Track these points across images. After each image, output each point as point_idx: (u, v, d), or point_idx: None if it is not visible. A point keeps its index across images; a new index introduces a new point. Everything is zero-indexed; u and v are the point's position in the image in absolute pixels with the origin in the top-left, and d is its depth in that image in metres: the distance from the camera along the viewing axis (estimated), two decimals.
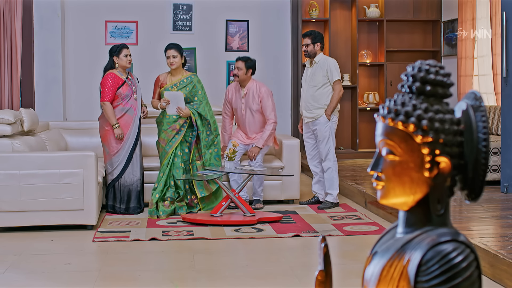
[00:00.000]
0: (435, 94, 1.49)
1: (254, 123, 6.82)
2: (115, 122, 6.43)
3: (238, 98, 6.84)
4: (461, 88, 8.83)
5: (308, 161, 6.96)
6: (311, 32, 6.79)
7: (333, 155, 6.73)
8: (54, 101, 8.93)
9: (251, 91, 6.78)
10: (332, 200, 6.74)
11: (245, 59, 6.79)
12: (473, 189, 1.50)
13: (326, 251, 1.63)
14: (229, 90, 6.96)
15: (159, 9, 9.32)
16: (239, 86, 6.86)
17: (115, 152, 6.48)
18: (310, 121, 6.74)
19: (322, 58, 6.74)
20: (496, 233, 5.14)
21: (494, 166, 7.09)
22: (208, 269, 4.71)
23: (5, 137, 6.01)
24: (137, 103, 6.59)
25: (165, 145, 6.53)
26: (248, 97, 6.78)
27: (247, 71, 6.75)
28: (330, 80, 6.65)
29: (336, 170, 6.76)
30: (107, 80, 6.46)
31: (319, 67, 6.70)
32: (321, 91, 6.66)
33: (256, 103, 6.76)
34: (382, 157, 1.51)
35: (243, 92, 6.80)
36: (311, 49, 6.73)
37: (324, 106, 6.65)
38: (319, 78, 6.67)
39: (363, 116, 10.07)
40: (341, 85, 6.70)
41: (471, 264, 1.38)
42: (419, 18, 10.02)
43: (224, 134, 6.99)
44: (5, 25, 8.54)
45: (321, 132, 6.69)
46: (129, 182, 6.51)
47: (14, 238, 5.58)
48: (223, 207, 6.14)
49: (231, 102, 6.90)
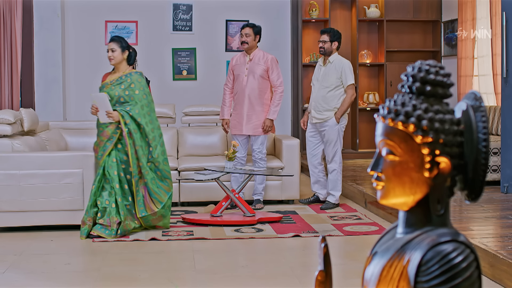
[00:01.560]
0: (435, 94, 1.49)
1: (253, 89, 6.66)
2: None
3: (242, 64, 6.75)
4: (461, 88, 8.83)
5: (308, 160, 6.91)
6: (330, 30, 6.70)
7: (340, 157, 6.68)
8: (54, 101, 8.93)
9: (257, 57, 6.71)
10: (333, 201, 6.72)
11: (252, 25, 6.74)
12: (473, 189, 1.50)
13: (326, 251, 1.63)
14: (234, 58, 6.88)
15: (159, 9, 9.32)
16: (243, 55, 6.80)
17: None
18: (319, 122, 6.68)
19: (337, 58, 6.65)
20: (496, 233, 5.14)
21: (494, 167, 7.09)
22: (208, 269, 4.71)
23: (5, 137, 6.01)
24: None
25: (96, 154, 5.69)
26: (254, 62, 6.69)
27: (255, 37, 6.69)
28: (343, 83, 6.58)
29: (340, 172, 6.73)
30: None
31: (333, 68, 6.61)
32: (332, 93, 6.59)
33: (262, 68, 6.67)
34: (382, 157, 1.51)
35: (249, 58, 6.72)
36: (327, 46, 6.62)
37: (334, 109, 6.59)
38: (332, 79, 6.59)
39: (363, 116, 10.07)
40: (354, 89, 6.63)
41: (471, 264, 1.38)
42: (419, 18, 10.02)
43: (224, 107, 6.87)
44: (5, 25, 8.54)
45: (329, 134, 6.63)
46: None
47: (14, 238, 5.58)
48: (223, 207, 6.14)
49: (234, 69, 6.80)
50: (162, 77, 9.32)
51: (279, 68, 6.79)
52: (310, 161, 6.87)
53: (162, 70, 9.36)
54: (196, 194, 6.94)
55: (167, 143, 7.49)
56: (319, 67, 6.77)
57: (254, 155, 6.77)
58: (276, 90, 6.70)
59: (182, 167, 6.98)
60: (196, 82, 9.45)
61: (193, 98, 9.08)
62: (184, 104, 8.27)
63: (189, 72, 9.33)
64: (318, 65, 6.81)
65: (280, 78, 6.71)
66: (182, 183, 6.92)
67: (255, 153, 6.75)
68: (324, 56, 6.72)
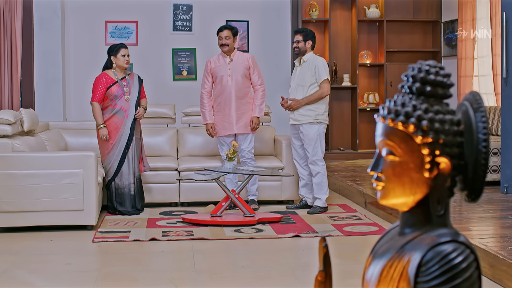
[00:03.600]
0: (435, 94, 1.50)
1: (239, 89, 6.68)
2: (100, 123, 6.43)
3: (223, 66, 6.73)
4: (461, 88, 8.83)
5: (295, 163, 6.77)
6: (303, 30, 6.71)
7: (321, 159, 6.55)
8: (54, 101, 8.92)
9: (237, 57, 6.74)
10: (321, 204, 6.57)
11: (230, 27, 6.75)
12: (473, 190, 1.50)
13: (326, 252, 1.63)
14: (211, 61, 6.81)
15: (159, 9, 9.32)
16: (222, 56, 6.77)
17: (106, 153, 6.49)
18: (296, 123, 6.61)
19: (311, 57, 6.60)
20: (496, 233, 5.14)
21: (494, 167, 7.08)
22: (208, 269, 4.71)
23: (5, 137, 6.01)
24: (129, 105, 6.52)
25: None
26: (235, 62, 6.71)
27: (234, 38, 6.72)
28: (317, 79, 6.50)
29: (325, 174, 6.58)
30: (98, 80, 6.48)
31: (307, 66, 6.56)
32: (308, 92, 6.50)
33: (244, 67, 6.71)
34: (382, 157, 1.51)
35: (229, 58, 6.72)
36: (302, 46, 6.59)
37: (311, 109, 6.48)
38: (307, 77, 6.53)
39: (363, 116, 10.07)
40: (328, 85, 6.51)
41: (471, 264, 1.38)
42: (419, 18, 10.02)
43: (205, 111, 6.79)
44: (5, 26, 8.54)
45: (308, 136, 6.52)
46: (122, 185, 6.50)
47: (14, 238, 5.58)
48: (223, 207, 6.13)
49: (214, 71, 6.74)
50: (162, 77, 9.32)
51: (258, 66, 6.89)
52: (297, 164, 6.74)
53: (162, 71, 9.36)
54: (196, 195, 6.93)
55: (167, 143, 7.50)
56: (296, 68, 6.74)
57: (243, 155, 6.73)
58: (258, 88, 6.77)
59: (182, 167, 6.98)
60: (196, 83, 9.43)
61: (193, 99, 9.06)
62: (184, 104, 8.27)
63: (189, 72, 9.32)
64: (295, 67, 6.77)
65: (261, 77, 6.81)
66: (182, 183, 6.92)
67: (245, 153, 6.72)
68: (299, 56, 6.69)
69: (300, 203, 6.81)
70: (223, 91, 6.72)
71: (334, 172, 8.24)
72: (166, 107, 7.69)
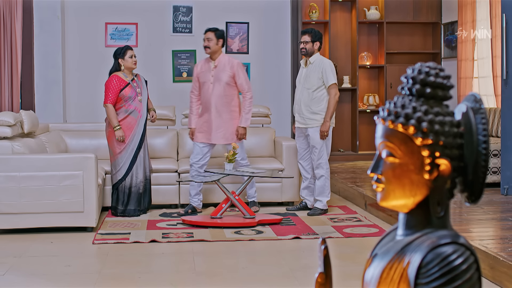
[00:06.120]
0: (435, 96, 1.49)
1: (220, 97, 6.47)
2: (116, 124, 6.44)
3: (207, 71, 6.54)
4: (461, 90, 8.83)
5: (298, 164, 6.75)
6: (311, 30, 6.55)
7: (326, 162, 6.52)
8: (54, 103, 8.92)
9: (222, 63, 6.52)
10: (321, 206, 6.54)
11: (214, 29, 6.58)
12: (473, 191, 1.50)
13: (326, 253, 1.63)
14: (198, 65, 6.68)
15: (159, 11, 9.32)
16: (207, 61, 6.61)
17: (118, 153, 6.49)
18: (303, 126, 6.57)
19: (318, 59, 6.50)
20: (496, 235, 5.13)
21: (494, 168, 7.08)
22: (208, 271, 4.71)
23: (5, 139, 6.01)
24: (142, 105, 6.59)
25: None
26: (219, 69, 6.50)
27: (217, 41, 6.51)
28: (325, 83, 6.41)
29: (328, 178, 6.56)
30: (110, 82, 6.49)
31: (314, 68, 6.46)
32: (315, 95, 6.43)
33: (228, 75, 6.48)
34: (382, 159, 1.51)
35: (214, 64, 6.53)
36: (309, 47, 6.48)
37: (318, 112, 6.42)
38: (314, 80, 6.44)
39: (363, 118, 10.07)
40: (337, 89, 6.43)
41: (471, 266, 1.38)
42: (419, 20, 10.03)
43: (191, 115, 6.67)
44: (5, 27, 8.54)
45: (314, 139, 6.47)
46: (132, 184, 6.52)
47: (14, 240, 5.58)
48: (223, 209, 6.13)
49: (199, 76, 6.59)
50: (162, 79, 9.32)
51: (246, 73, 6.64)
52: (301, 166, 6.71)
53: (162, 72, 9.36)
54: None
55: (167, 145, 7.50)
56: (301, 70, 6.64)
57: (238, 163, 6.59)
58: (245, 96, 6.53)
59: (182, 169, 6.98)
60: None
61: None
62: (184, 106, 8.26)
63: (189, 74, 9.32)
64: (301, 68, 6.67)
65: (248, 84, 6.56)
66: (182, 185, 6.91)
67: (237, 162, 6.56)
68: (305, 57, 6.58)
69: (300, 204, 6.79)
70: (205, 98, 6.56)
71: (334, 173, 8.24)
72: (166, 108, 7.69)
